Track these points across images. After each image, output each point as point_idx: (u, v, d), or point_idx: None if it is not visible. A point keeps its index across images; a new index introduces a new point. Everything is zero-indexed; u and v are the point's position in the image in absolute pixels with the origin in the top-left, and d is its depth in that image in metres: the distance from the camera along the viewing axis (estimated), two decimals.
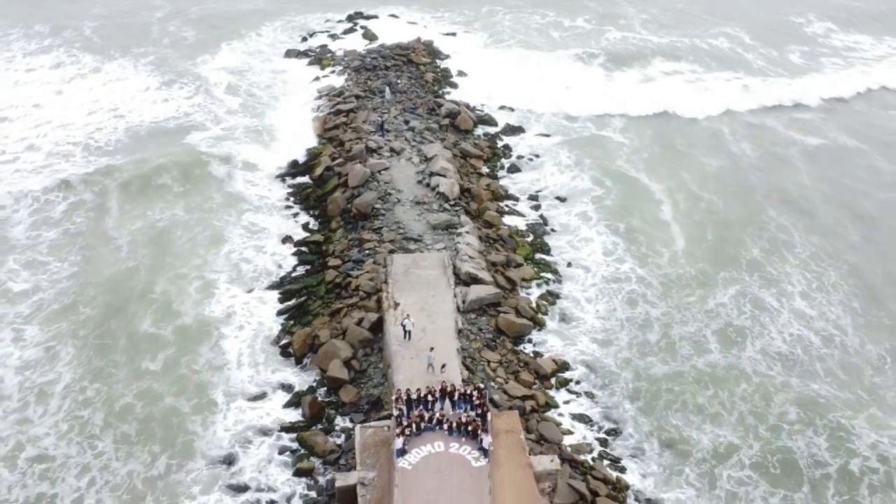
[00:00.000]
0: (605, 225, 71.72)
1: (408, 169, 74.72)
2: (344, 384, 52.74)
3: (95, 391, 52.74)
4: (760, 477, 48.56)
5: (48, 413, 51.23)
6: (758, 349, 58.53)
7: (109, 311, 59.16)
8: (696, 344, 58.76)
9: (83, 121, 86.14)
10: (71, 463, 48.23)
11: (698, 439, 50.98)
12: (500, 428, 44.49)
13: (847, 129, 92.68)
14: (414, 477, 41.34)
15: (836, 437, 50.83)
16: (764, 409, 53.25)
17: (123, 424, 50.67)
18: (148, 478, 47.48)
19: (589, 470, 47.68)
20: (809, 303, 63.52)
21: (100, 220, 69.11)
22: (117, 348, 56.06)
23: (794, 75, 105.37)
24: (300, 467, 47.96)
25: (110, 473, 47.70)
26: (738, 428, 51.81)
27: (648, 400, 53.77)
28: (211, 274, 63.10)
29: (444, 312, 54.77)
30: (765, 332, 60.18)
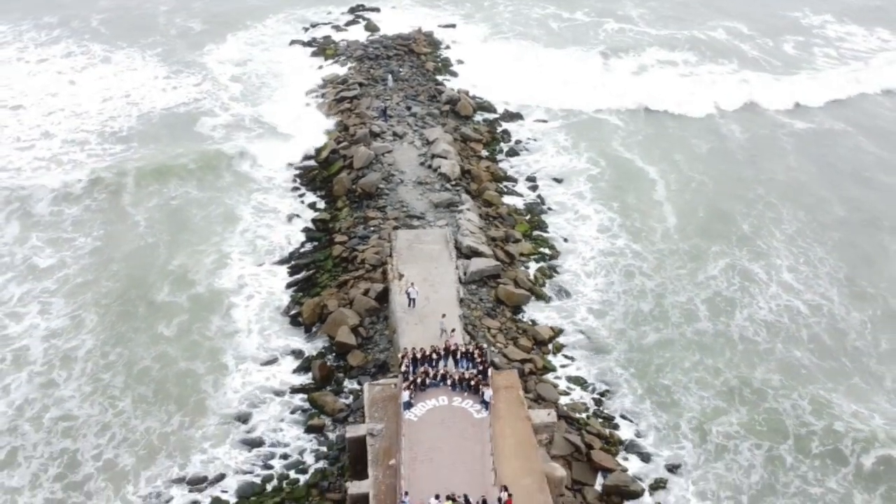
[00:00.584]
0: (601, 203, 74.86)
1: (410, 152, 77.57)
2: (351, 349, 55.53)
3: (117, 355, 55.64)
4: (748, 433, 51.31)
5: (72, 377, 54.01)
6: (745, 317, 61.47)
7: (130, 283, 62.20)
8: (688, 312, 61.66)
9: (96, 108, 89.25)
10: (92, 421, 51.08)
11: (687, 400, 53.85)
12: (500, 384, 47.27)
13: (836, 117, 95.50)
14: (419, 428, 44.12)
15: (817, 403, 53.71)
16: (749, 374, 56.10)
17: (141, 386, 53.72)
18: (164, 433, 50.48)
19: (584, 426, 50.53)
20: (796, 275, 66.39)
21: (118, 199, 71.88)
22: (137, 315, 59.04)
23: (788, 66, 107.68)
24: (311, 424, 50.84)
25: (129, 430, 50.69)
26: (724, 391, 54.63)
27: (641, 365, 56.61)
28: (226, 248, 66.41)
29: (446, 283, 57.52)
30: (752, 302, 63.15)
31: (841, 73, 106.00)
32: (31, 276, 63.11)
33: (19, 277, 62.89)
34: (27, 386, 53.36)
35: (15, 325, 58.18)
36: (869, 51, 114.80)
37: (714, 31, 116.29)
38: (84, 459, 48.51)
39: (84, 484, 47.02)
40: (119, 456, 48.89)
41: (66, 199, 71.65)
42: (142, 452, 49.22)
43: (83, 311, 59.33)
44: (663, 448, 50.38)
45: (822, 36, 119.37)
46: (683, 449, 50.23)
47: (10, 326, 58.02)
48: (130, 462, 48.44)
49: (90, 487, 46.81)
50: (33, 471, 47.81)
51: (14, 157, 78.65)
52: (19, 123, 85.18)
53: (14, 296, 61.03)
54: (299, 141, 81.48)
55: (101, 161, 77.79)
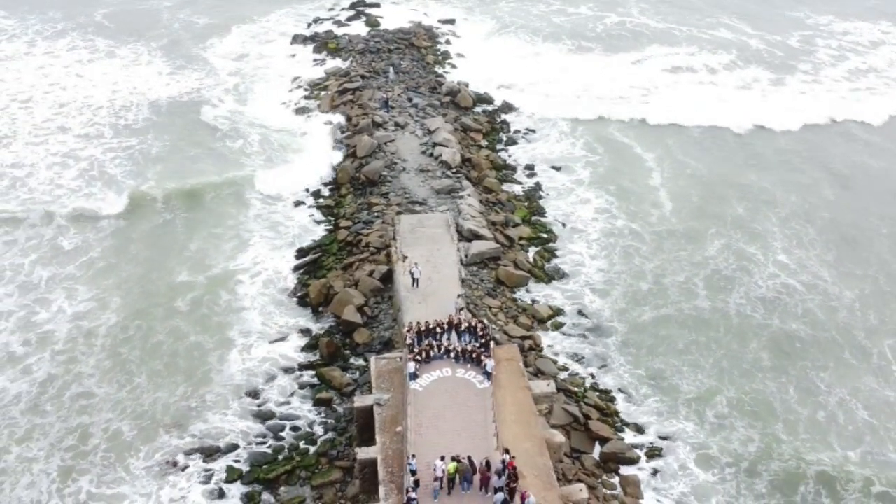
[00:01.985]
0: (598, 188, 77.10)
1: (412, 141, 79.59)
2: (357, 328, 57.50)
3: (136, 329, 58.42)
4: (741, 410, 53.46)
5: (93, 353, 56.19)
6: (742, 295, 63.79)
7: (151, 266, 65.15)
8: (686, 291, 63.85)
9: (107, 100, 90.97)
10: (109, 397, 53.05)
11: (683, 376, 55.86)
12: (501, 356, 49.30)
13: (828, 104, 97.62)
14: (425, 397, 46.13)
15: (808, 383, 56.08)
16: (740, 351, 58.32)
17: (156, 361, 55.96)
18: (180, 407, 52.36)
19: (582, 398, 52.56)
20: (790, 256, 68.53)
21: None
22: (158, 293, 62.04)
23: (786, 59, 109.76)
24: (319, 397, 52.82)
25: (145, 405, 52.55)
26: (717, 368, 56.72)
27: (638, 342, 58.61)
28: (243, 233, 69.19)
29: (448, 264, 59.45)
30: (749, 281, 65.51)
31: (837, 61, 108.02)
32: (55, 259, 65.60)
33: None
34: (49, 363, 55.34)
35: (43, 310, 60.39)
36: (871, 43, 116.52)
37: (716, 29, 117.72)
38: (98, 432, 50.38)
39: (103, 455, 48.91)
40: (135, 429, 50.63)
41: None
42: (157, 426, 51.02)
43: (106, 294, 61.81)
44: (659, 420, 52.34)
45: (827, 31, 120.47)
46: (678, 421, 52.21)
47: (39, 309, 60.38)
48: (146, 434, 50.28)
49: (110, 459, 48.67)
50: (51, 441, 49.73)
51: (29, 155, 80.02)
52: (31, 117, 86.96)
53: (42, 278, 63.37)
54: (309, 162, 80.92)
55: (121, 164, 78.89)
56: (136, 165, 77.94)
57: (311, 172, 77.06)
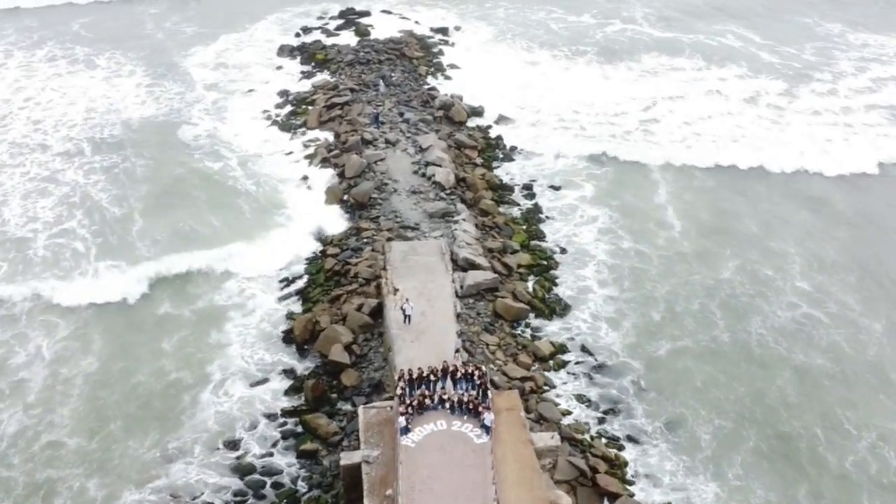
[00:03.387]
0: (601, 207, 72.98)
1: (403, 159, 75.56)
2: (345, 368, 53.50)
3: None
4: (760, 461, 49.43)
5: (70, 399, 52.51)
6: (761, 324, 60.05)
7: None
8: (701, 320, 59.96)
9: (83, 117, 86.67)
10: (81, 449, 49.13)
11: (701, 419, 51.86)
12: (501, 406, 45.27)
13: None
14: (417, 454, 42.09)
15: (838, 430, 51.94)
16: (762, 388, 54.29)
17: (133, 407, 52.14)
18: (151, 460, 48.41)
19: (588, 448, 48.55)
20: (810, 281, 64.72)
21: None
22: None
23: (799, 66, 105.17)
24: (303, 449, 48.77)
25: (116, 456, 48.66)
26: (739, 409, 52.70)
27: (647, 380, 54.65)
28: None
29: (442, 297, 55.46)
30: (768, 309, 61.66)
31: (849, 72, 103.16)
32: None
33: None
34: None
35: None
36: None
37: (723, 36, 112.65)
38: (63, 490, 46.44)
39: None
40: (101, 487, 46.71)
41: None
42: (125, 482, 47.05)
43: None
44: (674, 471, 48.41)
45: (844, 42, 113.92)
46: (696, 472, 48.25)
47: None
48: (112, 491, 46.34)
49: None
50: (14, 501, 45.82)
51: (6, 180, 75.59)
52: (6, 132, 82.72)
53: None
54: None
55: (103, 188, 74.31)
56: (119, 188, 73.78)
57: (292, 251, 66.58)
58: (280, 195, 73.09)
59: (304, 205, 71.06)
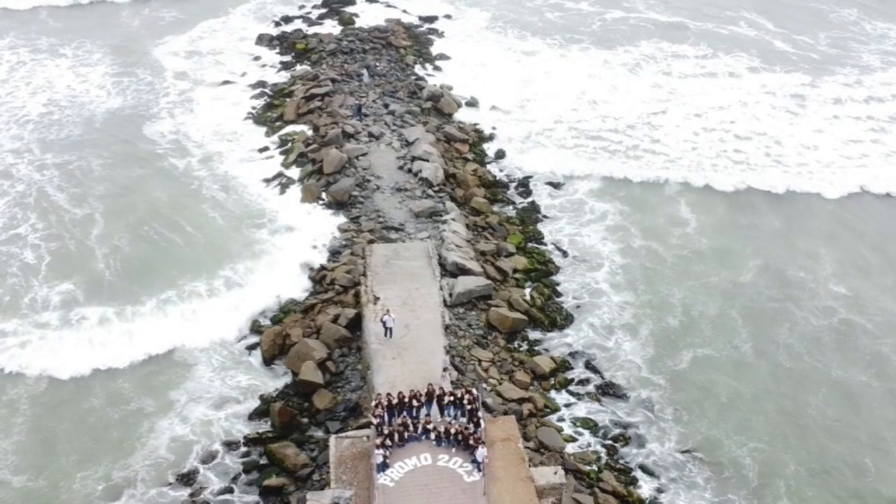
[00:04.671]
0: (604, 205, 66.73)
1: (388, 154, 69.06)
2: (318, 388, 47.21)
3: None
4: (795, 493, 43.05)
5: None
6: (790, 332, 53.93)
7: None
8: (721, 329, 53.88)
9: (38, 111, 79.92)
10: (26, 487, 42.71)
11: (728, 444, 45.58)
12: (496, 436, 38.98)
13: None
14: (397, 495, 35.74)
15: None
16: (797, 406, 48.17)
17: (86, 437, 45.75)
18: (97, 498, 41.80)
19: (596, 482, 42.14)
20: (845, 283, 58.51)
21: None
22: None
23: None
24: (267, 485, 42.33)
25: (62, 495, 42.23)
26: (771, 433, 46.49)
27: (663, 400, 48.44)
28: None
29: (429, 306, 49.09)
30: (799, 315, 55.50)
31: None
32: None
33: None
34: None
35: None
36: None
37: (735, 23, 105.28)
38: None
39: None
40: None
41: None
42: None
43: None
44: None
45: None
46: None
47: None
48: None
49: None
50: None
51: None
52: None
53: None
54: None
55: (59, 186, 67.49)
56: (77, 187, 67.07)
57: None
58: (251, 202, 65.97)
59: (282, 214, 63.94)
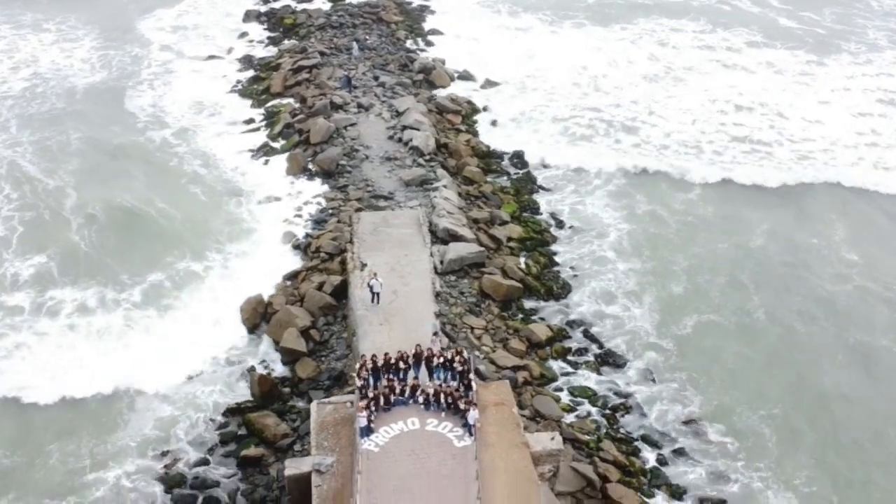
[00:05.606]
0: (603, 177, 63.93)
1: (377, 125, 66.51)
2: (301, 357, 44.61)
3: None
4: (816, 464, 40.31)
5: None
6: (804, 297, 51.27)
7: None
8: (727, 296, 51.18)
9: (20, 86, 77.25)
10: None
11: (734, 414, 42.80)
12: (489, 400, 36.43)
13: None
14: (382, 461, 33.14)
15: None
16: (813, 371, 45.57)
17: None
18: (70, 470, 39.19)
19: (595, 451, 39.50)
20: (860, 252, 55.95)
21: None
22: None
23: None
24: (246, 455, 39.63)
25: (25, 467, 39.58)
26: (784, 401, 43.65)
27: (666, 368, 45.65)
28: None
29: (418, 273, 46.63)
30: (812, 281, 52.89)
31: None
32: None
33: None
34: None
35: None
36: None
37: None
38: None
39: None
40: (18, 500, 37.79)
41: None
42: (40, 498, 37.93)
43: None
44: (704, 478, 39.28)
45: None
46: (732, 480, 39.14)
47: None
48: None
49: None
50: None
51: None
52: None
53: None
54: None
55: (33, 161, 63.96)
56: (49, 162, 63.59)
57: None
58: (233, 173, 63.15)
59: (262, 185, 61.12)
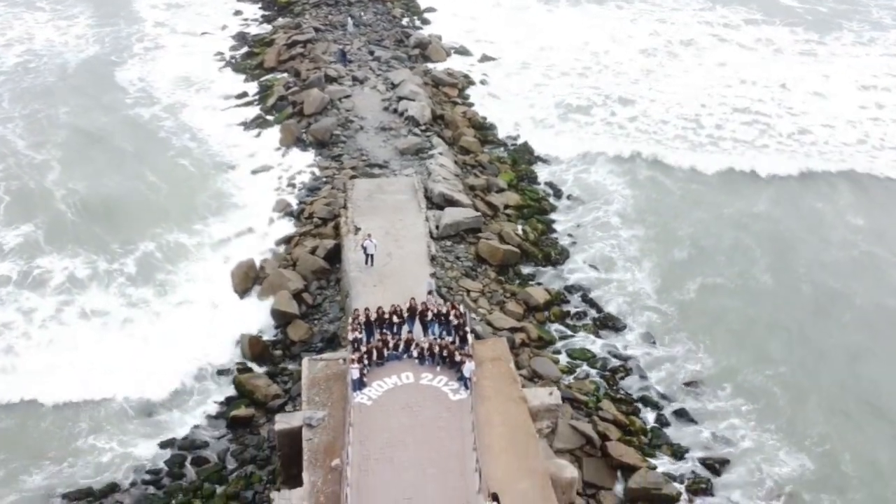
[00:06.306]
0: (602, 145, 62.87)
1: (372, 97, 65.41)
2: (293, 319, 43.49)
3: None
4: (826, 423, 39.16)
5: None
6: (811, 259, 50.39)
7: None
8: (732, 258, 50.48)
9: (12, 62, 76.08)
10: None
11: (742, 370, 41.88)
12: (485, 356, 35.39)
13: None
14: (375, 413, 32.12)
15: None
16: (821, 332, 44.54)
17: None
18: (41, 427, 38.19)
19: (594, 411, 38.48)
20: (867, 218, 55.28)
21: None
22: None
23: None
24: (236, 415, 38.65)
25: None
26: (791, 360, 42.73)
27: (667, 330, 44.70)
28: None
29: (413, 237, 45.53)
30: (818, 244, 52.16)
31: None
32: None
33: None
34: None
35: None
36: None
37: None
38: None
39: None
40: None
41: None
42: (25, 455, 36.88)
43: None
44: (705, 437, 38.30)
45: None
46: (732, 440, 38.13)
47: None
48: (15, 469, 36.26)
49: None
50: None
51: None
52: None
53: None
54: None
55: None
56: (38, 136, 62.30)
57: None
58: (226, 145, 61.89)
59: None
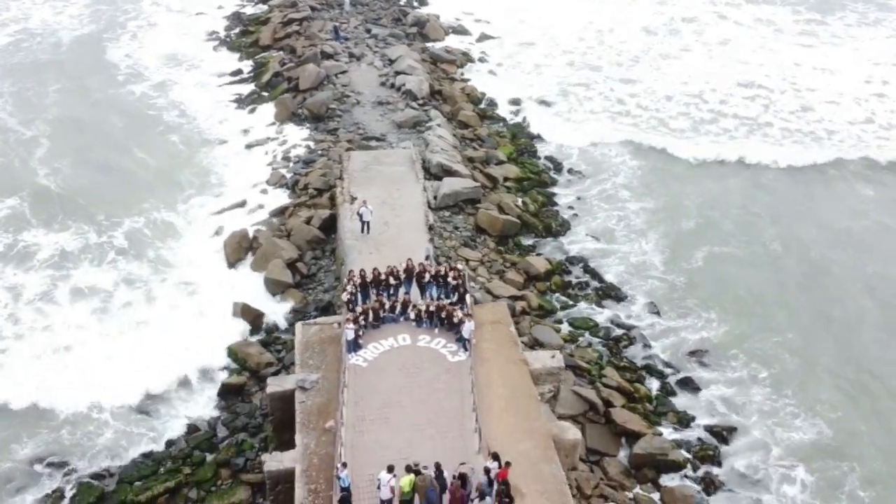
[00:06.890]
0: (600, 121, 61.66)
1: (369, 73, 64.35)
2: (287, 288, 42.25)
3: None
4: (838, 390, 38.11)
5: None
6: (817, 233, 49.34)
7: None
8: (740, 229, 49.47)
9: (4, 41, 75.02)
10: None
11: (747, 336, 40.81)
12: (485, 319, 34.25)
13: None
14: (370, 375, 30.96)
15: None
16: (829, 300, 43.67)
17: None
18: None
19: (598, 378, 37.31)
20: (875, 188, 54.59)
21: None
22: None
23: None
24: (227, 382, 37.42)
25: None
26: (799, 329, 41.60)
27: (672, 299, 43.66)
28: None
29: (411, 206, 44.31)
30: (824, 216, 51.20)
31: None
32: None
33: None
34: None
35: None
36: None
37: None
38: None
39: None
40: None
41: None
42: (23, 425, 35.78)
43: None
44: (712, 405, 37.17)
45: None
46: (739, 407, 36.98)
47: None
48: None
49: None
50: None
51: None
52: None
53: None
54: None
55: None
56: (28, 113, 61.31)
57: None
58: (220, 120, 61.01)
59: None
